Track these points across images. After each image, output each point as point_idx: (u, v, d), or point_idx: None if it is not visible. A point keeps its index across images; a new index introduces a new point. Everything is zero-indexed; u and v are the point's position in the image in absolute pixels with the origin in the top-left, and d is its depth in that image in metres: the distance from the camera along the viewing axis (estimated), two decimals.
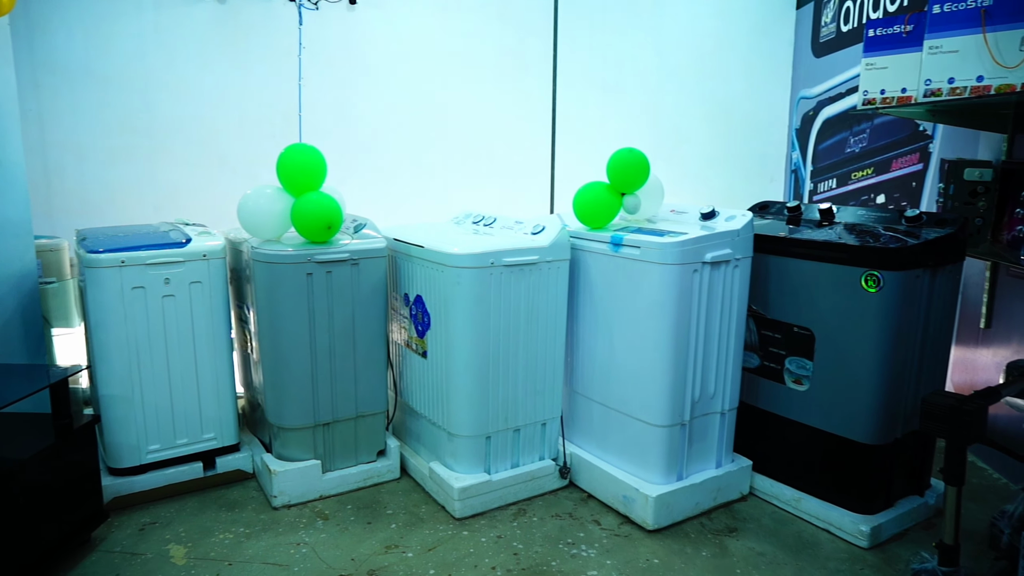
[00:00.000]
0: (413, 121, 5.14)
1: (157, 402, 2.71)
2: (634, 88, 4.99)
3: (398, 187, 5.06)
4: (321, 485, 2.80)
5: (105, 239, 2.70)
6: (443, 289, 2.65)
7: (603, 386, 2.81)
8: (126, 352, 2.63)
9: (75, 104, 5.15)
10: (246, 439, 3.05)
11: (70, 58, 5.13)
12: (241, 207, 2.70)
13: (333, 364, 2.75)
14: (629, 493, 2.66)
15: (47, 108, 4.76)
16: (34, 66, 4.64)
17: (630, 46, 4.95)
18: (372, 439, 2.92)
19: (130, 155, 5.43)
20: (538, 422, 2.86)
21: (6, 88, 2.78)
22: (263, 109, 5.35)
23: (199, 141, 5.43)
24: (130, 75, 5.38)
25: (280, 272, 2.62)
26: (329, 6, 5.09)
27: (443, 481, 2.72)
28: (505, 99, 5.01)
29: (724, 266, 2.62)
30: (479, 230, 3.01)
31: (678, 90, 5.06)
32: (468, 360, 2.65)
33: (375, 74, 5.11)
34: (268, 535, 2.56)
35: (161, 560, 2.40)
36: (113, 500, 2.67)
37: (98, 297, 2.59)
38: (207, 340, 2.77)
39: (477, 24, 4.99)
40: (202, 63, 5.36)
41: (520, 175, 5.04)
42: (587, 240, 2.81)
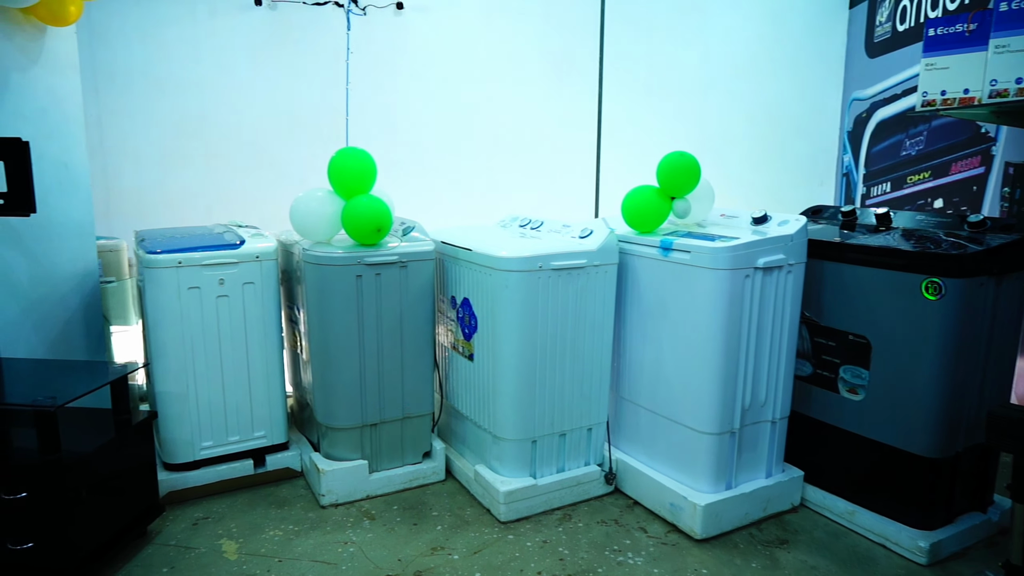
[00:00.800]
0: (458, 125, 5.17)
1: (211, 400, 2.77)
2: (679, 91, 4.94)
3: (443, 190, 5.09)
4: (368, 485, 2.83)
5: (163, 240, 2.78)
6: (491, 292, 2.66)
7: (651, 392, 2.78)
8: (182, 350, 2.70)
9: (132, 109, 5.31)
10: (295, 438, 3.10)
11: (128, 64, 5.29)
12: (293, 210, 2.74)
13: (381, 365, 2.77)
14: (677, 501, 2.62)
15: (106, 113, 4.92)
16: (95, 73, 4.80)
17: (675, 48, 4.90)
18: (418, 440, 2.94)
19: (184, 158, 5.58)
20: (584, 427, 2.84)
21: (72, 94, 2.87)
22: (311, 113, 5.45)
23: (250, 144, 5.55)
24: (184, 80, 5.53)
25: (330, 274, 2.66)
26: (376, 11, 5.16)
27: (488, 484, 2.72)
28: (550, 103, 5.01)
29: (777, 272, 2.57)
30: (526, 233, 3.01)
31: (724, 92, 4.99)
32: (515, 363, 2.65)
33: (421, 78, 5.16)
34: (316, 533, 2.59)
35: (214, 555, 2.45)
36: (168, 494, 2.74)
37: (156, 296, 2.66)
38: (259, 340, 2.82)
39: (522, 28, 5.00)
40: (253, 68, 5.48)
41: (564, 179, 5.03)
42: (636, 244, 2.78)
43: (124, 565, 2.38)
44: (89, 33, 4.64)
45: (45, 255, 2.77)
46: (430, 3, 5.12)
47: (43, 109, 2.74)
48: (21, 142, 2.37)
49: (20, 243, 2.66)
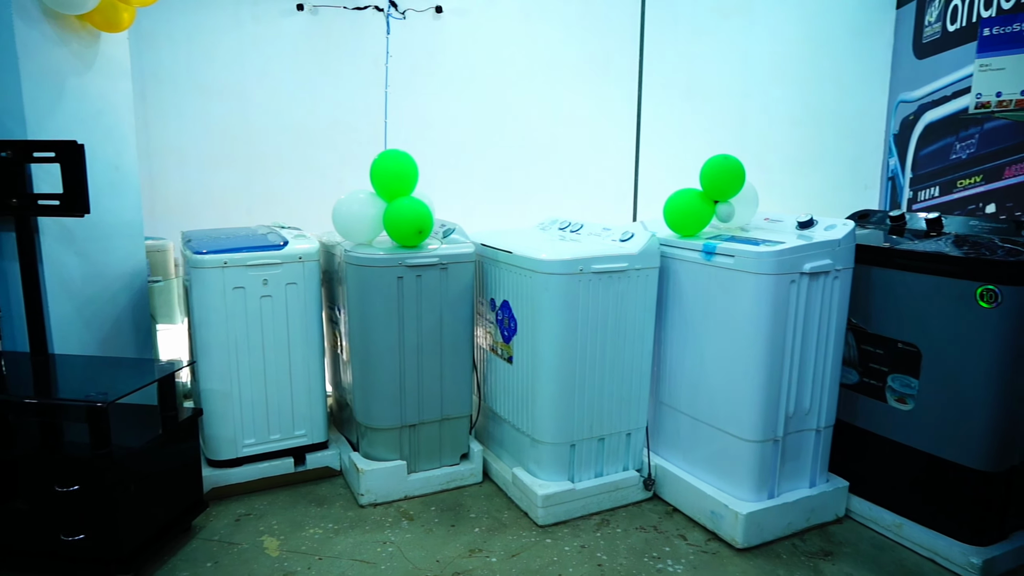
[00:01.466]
0: (496, 127, 5.18)
1: (253, 398, 2.82)
2: (719, 93, 4.88)
3: (479, 193, 5.10)
4: (406, 485, 2.84)
5: (209, 241, 2.83)
6: (531, 295, 2.65)
7: (691, 397, 2.74)
8: (226, 349, 2.75)
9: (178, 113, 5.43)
10: (334, 437, 3.13)
11: (174, 69, 5.41)
12: (336, 211, 2.77)
13: (420, 367, 2.79)
14: (717, 509, 2.58)
15: (153, 116, 5.03)
16: (143, 77, 4.91)
17: (716, 50, 4.84)
18: (456, 442, 2.95)
19: (227, 160, 5.69)
20: (623, 432, 2.82)
21: (124, 98, 2.95)
22: (350, 116, 5.51)
23: (290, 147, 5.64)
24: (229, 85, 5.64)
25: (372, 275, 2.68)
26: (416, 14, 5.20)
27: (526, 487, 2.72)
28: (588, 105, 4.99)
29: (823, 277, 2.51)
30: (565, 236, 3.00)
31: (765, 94, 4.92)
32: (554, 367, 2.64)
33: (459, 81, 5.19)
34: (356, 532, 2.61)
35: (256, 551, 2.49)
36: (211, 491, 2.79)
37: (202, 296, 2.71)
38: (300, 340, 2.86)
39: (561, 30, 4.99)
40: (294, 72, 5.56)
41: (602, 182, 5.01)
42: (677, 248, 2.75)
43: (169, 559, 2.43)
44: (138, 38, 4.76)
45: (97, 254, 2.85)
46: (469, 6, 5.14)
47: (97, 113, 2.82)
48: (77, 145, 2.44)
49: (74, 243, 2.74)
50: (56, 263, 2.67)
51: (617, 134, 4.97)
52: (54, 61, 2.62)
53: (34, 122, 2.56)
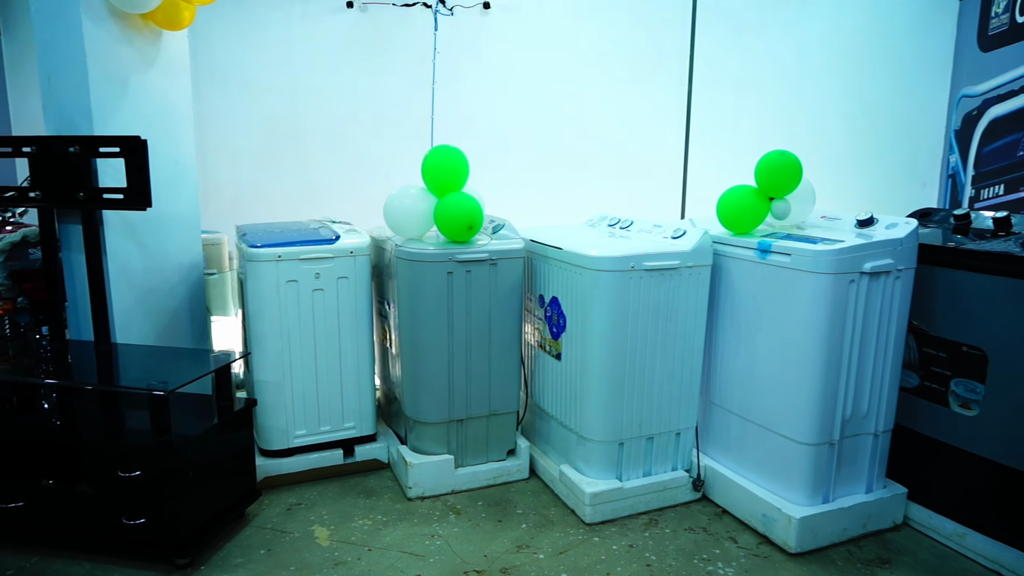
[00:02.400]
0: (543, 123, 5.16)
1: (305, 390, 2.86)
2: (771, 87, 4.77)
3: (527, 189, 5.09)
4: (453, 480, 2.86)
5: (263, 235, 2.88)
6: (581, 292, 2.63)
7: (743, 398, 2.69)
8: (279, 341, 2.80)
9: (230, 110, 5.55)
10: (382, 430, 3.17)
11: (227, 66, 5.53)
12: (387, 206, 2.80)
13: (469, 362, 2.79)
14: (770, 512, 2.53)
15: (206, 113, 5.14)
16: (196, 75, 5.02)
17: (769, 43, 4.73)
18: (503, 438, 2.95)
19: (277, 156, 5.79)
20: (672, 431, 2.78)
21: (183, 95, 3.03)
22: (397, 112, 5.55)
23: (338, 143, 5.71)
24: (279, 82, 5.73)
25: (422, 270, 2.69)
26: (463, 11, 5.22)
27: (574, 485, 2.70)
28: (636, 101, 4.94)
29: (884, 277, 2.44)
30: (615, 233, 2.98)
31: (819, 89, 4.79)
32: (604, 364, 2.62)
33: (506, 77, 5.18)
34: (404, 525, 2.64)
35: (307, 540, 2.53)
36: (263, 479, 2.85)
37: (256, 289, 2.77)
38: (351, 333, 2.89)
39: (609, 25, 4.94)
40: (343, 69, 5.63)
41: (650, 178, 4.95)
42: (731, 246, 2.70)
43: (224, 545, 2.49)
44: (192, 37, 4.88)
45: (156, 247, 2.93)
46: (517, 2, 5.13)
47: (158, 109, 2.90)
48: (140, 140, 2.51)
49: (135, 236, 2.82)
50: (119, 255, 2.76)
51: (665, 130, 4.90)
52: (119, 59, 2.70)
53: (100, 118, 2.64)
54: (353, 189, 5.60)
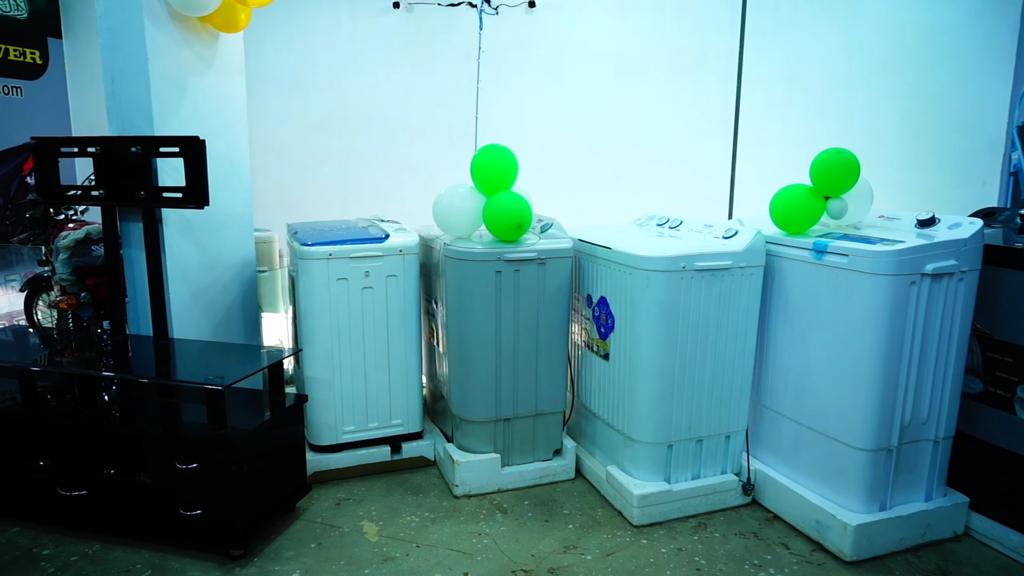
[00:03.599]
0: (587, 122, 5.13)
1: (353, 387, 2.90)
2: (822, 84, 4.67)
3: (570, 187, 5.07)
4: (499, 479, 2.86)
5: (314, 233, 2.93)
6: (630, 292, 2.61)
7: (796, 401, 2.64)
8: (329, 338, 2.84)
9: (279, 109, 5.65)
10: (428, 428, 3.19)
11: (276, 67, 5.63)
12: (436, 205, 2.81)
13: (516, 361, 2.79)
14: (823, 519, 2.47)
15: (255, 113, 5.22)
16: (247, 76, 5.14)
17: (820, 39, 4.63)
18: (549, 437, 2.94)
19: (323, 155, 5.88)
20: (722, 434, 2.74)
21: (239, 95, 3.09)
22: (442, 111, 5.59)
23: (383, 142, 5.77)
24: (325, 82, 5.82)
25: (470, 269, 2.70)
26: (508, 10, 5.22)
27: (621, 487, 2.68)
28: (683, 99, 4.88)
29: (947, 279, 2.36)
30: (664, 232, 2.94)
31: (872, 85, 4.67)
32: (653, 365, 2.59)
33: (551, 75, 5.17)
34: (451, 522, 2.65)
35: (356, 535, 2.56)
36: (313, 474, 2.89)
37: (307, 286, 2.81)
38: (399, 331, 2.92)
39: (656, 23, 4.89)
40: (389, 69, 5.69)
41: (696, 177, 4.89)
42: (784, 246, 2.65)
43: (276, 538, 2.53)
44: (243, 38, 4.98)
45: (212, 245, 3.00)
46: (562, 1, 5.11)
47: (214, 110, 2.96)
48: (199, 140, 2.57)
49: (192, 233, 2.89)
50: (177, 252, 2.83)
51: (711, 128, 4.83)
52: (178, 61, 2.77)
53: (160, 119, 2.71)
54: (397, 188, 5.66)
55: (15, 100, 5.97)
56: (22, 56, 6.00)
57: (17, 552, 2.42)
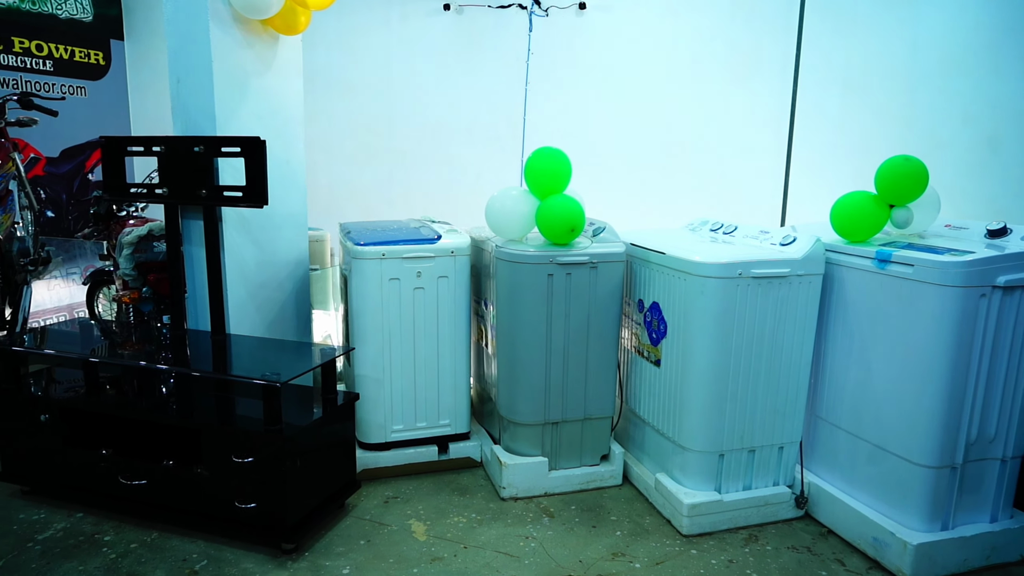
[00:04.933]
0: (638, 124, 5.09)
1: (403, 386, 2.92)
2: (881, 88, 4.53)
3: (619, 191, 5.04)
4: (546, 482, 2.85)
5: (367, 233, 2.96)
6: (684, 298, 2.58)
7: (854, 414, 2.57)
8: (380, 338, 2.86)
9: (329, 110, 5.74)
10: (475, 429, 3.20)
11: (328, 69, 5.72)
12: (489, 207, 2.82)
13: (566, 365, 2.78)
14: (882, 536, 2.40)
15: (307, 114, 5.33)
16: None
17: (880, 41, 4.49)
18: (597, 442, 2.92)
19: (372, 156, 5.95)
20: (775, 445, 2.68)
21: (296, 97, 3.14)
22: (490, 113, 5.60)
23: (431, 143, 5.82)
24: (375, 83, 5.89)
25: (522, 272, 2.70)
26: (558, 12, 5.21)
27: (671, 495, 2.65)
28: (736, 102, 4.80)
29: (1019, 292, 2.27)
30: (718, 238, 2.90)
31: (935, 89, 4.51)
32: (706, 373, 2.55)
33: (601, 77, 5.14)
34: (498, 524, 2.65)
35: (404, 533, 2.58)
36: (361, 472, 2.92)
37: (360, 286, 2.84)
38: (449, 332, 2.93)
39: (709, 24, 4.82)
40: (438, 70, 5.73)
41: (749, 182, 4.80)
42: (844, 254, 2.58)
43: (326, 534, 2.57)
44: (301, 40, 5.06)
45: (268, 243, 3.06)
46: (613, 2, 5.08)
47: (273, 110, 3.02)
48: (260, 141, 2.63)
49: (249, 232, 2.95)
50: (235, 250, 2.89)
51: (766, 132, 4.74)
52: (240, 63, 2.83)
53: (222, 120, 2.78)
54: (444, 188, 5.70)
55: (79, 100, 6.18)
56: (87, 57, 6.22)
57: (81, 537, 2.50)
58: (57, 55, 5.94)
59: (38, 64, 5.79)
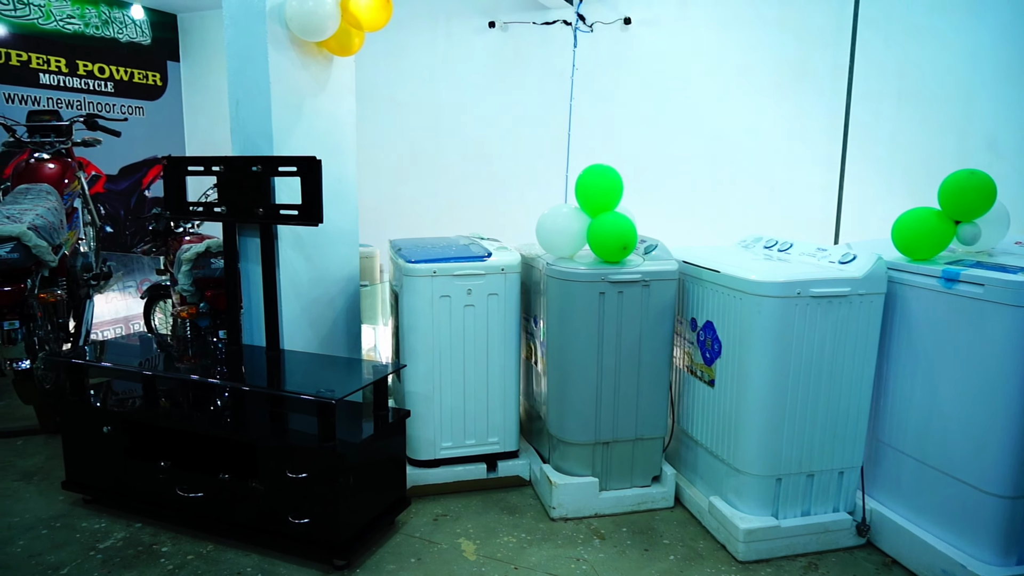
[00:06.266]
0: (684, 140, 5.05)
1: (452, 403, 2.92)
2: (937, 97, 4.40)
3: (664, 206, 4.99)
4: (597, 503, 2.81)
5: (418, 250, 2.98)
6: (739, 317, 2.52)
7: (919, 439, 2.47)
8: (430, 355, 2.87)
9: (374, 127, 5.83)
10: (523, 447, 3.18)
11: (374, 87, 5.81)
12: (540, 225, 2.81)
13: (617, 384, 2.75)
14: (952, 569, 2.30)
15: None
16: None
17: (936, 50, 4.37)
18: (648, 463, 2.88)
19: (416, 171, 6.02)
20: (835, 470, 2.60)
21: (349, 116, 3.20)
22: (534, 129, 5.62)
23: (475, 159, 5.86)
24: (421, 101, 5.96)
25: (574, 290, 2.68)
26: (603, 27, 5.21)
27: (725, 519, 2.58)
28: (785, 115, 4.72)
29: None
30: (772, 256, 2.84)
31: (993, 99, 4.36)
32: (763, 394, 2.49)
33: (646, 92, 5.12)
34: (548, 545, 2.62)
35: (454, 552, 2.57)
36: (410, 488, 2.93)
37: (411, 303, 2.86)
38: (498, 349, 2.93)
39: (757, 38, 4.76)
40: (483, 88, 5.77)
41: (799, 198, 4.71)
42: (907, 273, 2.50)
43: (377, 551, 2.57)
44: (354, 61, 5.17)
45: (320, 259, 3.10)
46: (659, 17, 5.06)
47: (327, 130, 3.08)
48: (316, 160, 2.67)
49: (303, 248, 3.00)
50: (289, 267, 2.94)
51: (816, 146, 4.64)
52: (296, 85, 2.89)
53: (279, 140, 2.84)
54: (488, 204, 5.73)
55: (137, 119, 6.41)
56: (145, 79, 6.45)
57: (140, 547, 2.56)
58: (118, 77, 6.17)
59: (100, 86, 6.03)
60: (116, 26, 6.18)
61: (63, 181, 3.67)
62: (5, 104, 5.42)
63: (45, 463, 3.21)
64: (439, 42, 5.64)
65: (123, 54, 6.24)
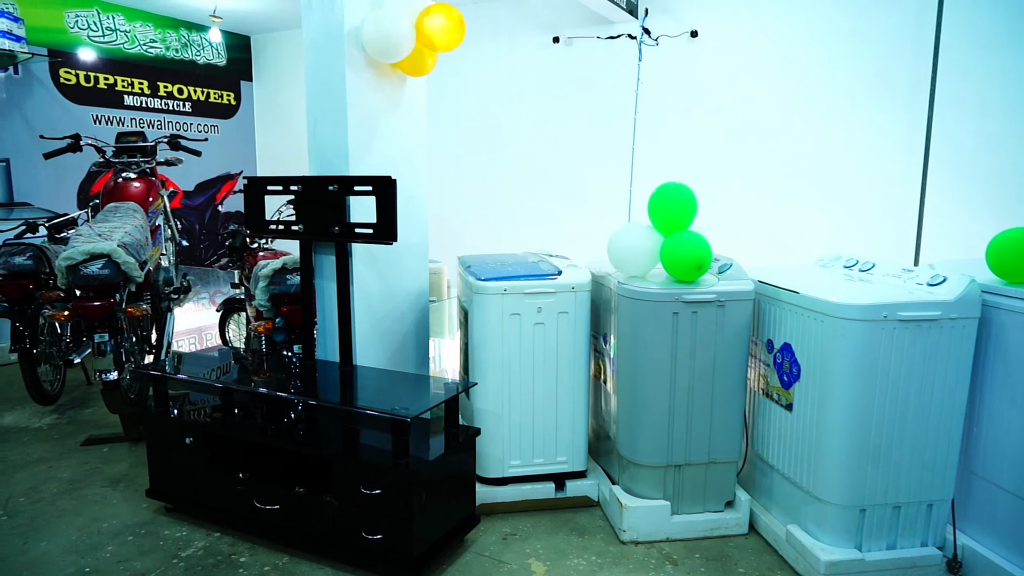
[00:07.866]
0: (752, 155, 4.95)
1: (521, 421, 2.92)
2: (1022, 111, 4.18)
3: (734, 223, 4.89)
4: (668, 527, 2.76)
5: (488, 268, 2.99)
6: (820, 340, 2.44)
7: (1018, 473, 2.33)
8: (500, 372, 2.88)
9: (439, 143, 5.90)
10: (591, 467, 3.14)
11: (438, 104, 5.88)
12: (612, 243, 2.79)
13: (691, 406, 2.69)
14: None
15: None
16: None
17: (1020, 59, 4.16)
18: (721, 488, 2.80)
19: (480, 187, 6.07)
20: (924, 502, 2.48)
21: (421, 135, 3.25)
22: (598, 144, 5.60)
23: (537, 174, 5.87)
24: (483, 117, 6.02)
25: (646, 309, 2.65)
26: (669, 40, 5.16)
27: (805, 550, 2.49)
28: (860, 129, 4.57)
29: None
30: (853, 276, 2.74)
31: None
32: (846, 421, 2.40)
33: (713, 106, 5.04)
34: (619, 569, 2.58)
35: (525, 573, 2.55)
36: (479, 506, 2.93)
37: (481, 320, 2.87)
38: (568, 368, 2.91)
39: (828, 49, 4.64)
40: (546, 103, 5.78)
41: (875, 215, 4.54)
42: (1004, 296, 2.37)
43: (447, 567, 2.58)
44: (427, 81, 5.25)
45: (391, 276, 3.15)
46: (726, 29, 4.99)
47: (400, 149, 3.13)
48: (390, 180, 2.72)
49: (375, 265, 3.05)
50: (362, 283, 3.00)
51: (893, 161, 4.48)
52: (371, 105, 2.96)
53: (355, 160, 2.90)
54: (551, 220, 5.72)
55: (212, 137, 6.67)
56: (220, 98, 6.71)
57: (219, 556, 2.63)
58: (195, 97, 6.45)
59: (179, 106, 6.31)
60: (194, 48, 6.46)
61: (148, 199, 3.84)
62: (93, 125, 5.72)
63: (130, 470, 3.35)
64: (502, 58, 5.69)
65: (200, 75, 6.52)
